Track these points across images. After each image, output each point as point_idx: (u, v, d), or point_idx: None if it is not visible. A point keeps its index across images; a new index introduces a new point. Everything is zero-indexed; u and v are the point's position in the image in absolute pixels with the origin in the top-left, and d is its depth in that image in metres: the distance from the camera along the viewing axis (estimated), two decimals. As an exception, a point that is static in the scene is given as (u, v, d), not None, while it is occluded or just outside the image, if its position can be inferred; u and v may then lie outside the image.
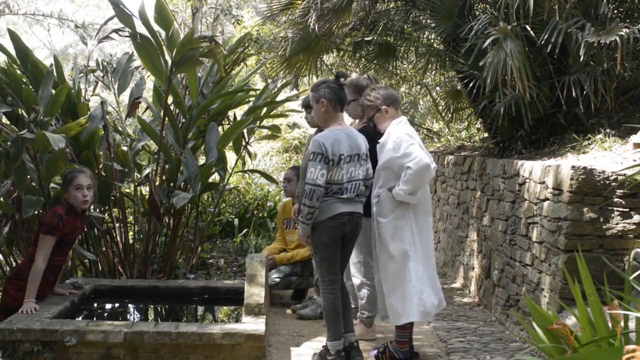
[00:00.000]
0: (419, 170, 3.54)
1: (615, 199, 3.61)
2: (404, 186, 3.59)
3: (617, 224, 3.61)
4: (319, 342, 4.08)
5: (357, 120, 4.51)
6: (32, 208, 4.16)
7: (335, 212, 3.54)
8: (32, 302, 3.78)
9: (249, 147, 5.90)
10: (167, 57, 4.72)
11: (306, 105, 4.60)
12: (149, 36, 4.60)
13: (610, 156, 3.98)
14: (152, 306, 4.69)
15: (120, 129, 5.65)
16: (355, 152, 3.61)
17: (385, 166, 3.74)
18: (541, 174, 4.04)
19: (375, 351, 3.86)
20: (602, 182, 3.60)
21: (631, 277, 2.50)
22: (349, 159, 3.57)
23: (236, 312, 4.42)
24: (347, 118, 5.22)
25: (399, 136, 3.70)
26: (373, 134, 4.06)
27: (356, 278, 4.24)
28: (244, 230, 7.75)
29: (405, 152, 3.60)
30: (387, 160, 3.72)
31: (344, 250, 3.72)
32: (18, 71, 4.70)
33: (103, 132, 5.05)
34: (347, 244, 3.73)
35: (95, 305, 4.48)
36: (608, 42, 4.33)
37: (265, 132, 6.24)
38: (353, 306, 4.43)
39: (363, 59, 8.04)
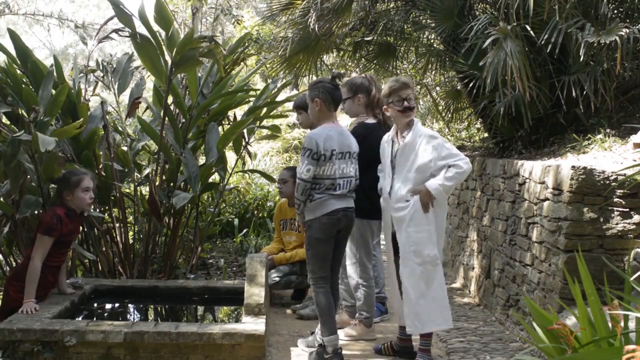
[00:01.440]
0: (467, 172, 3.58)
1: (615, 199, 3.61)
2: (447, 182, 3.53)
3: (617, 224, 3.61)
4: (319, 342, 4.08)
5: (354, 119, 4.52)
6: (30, 208, 4.16)
7: (330, 209, 3.61)
8: (32, 302, 3.78)
9: (249, 147, 5.90)
10: (167, 57, 4.72)
11: (297, 107, 4.61)
12: (149, 36, 4.60)
13: (610, 156, 3.98)
14: (152, 306, 4.69)
15: (120, 129, 5.64)
16: (347, 150, 3.70)
17: (422, 169, 3.61)
18: (541, 174, 4.04)
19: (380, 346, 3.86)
20: (602, 182, 3.60)
21: (632, 278, 2.50)
22: (340, 155, 3.65)
23: (236, 312, 4.42)
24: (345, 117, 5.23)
25: (434, 135, 3.68)
26: (365, 134, 4.07)
27: (352, 278, 4.24)
28: (244, 230, 7.75)
29: (451, 152, 3.59)
30: (424, 163, 3.60)
31: (337, 246, 3.76)
32: (18, 71, 4.70)
33: (103, 132, 5.05)
34: (341, 240, 3.78)
35: (95, 305, 4.48)
36: (608, 42, 4.33)
37: (265, 132, 6.24)
38: (351, 305, 4.44)
39: (363, 59, 8.04)
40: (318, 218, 3.63)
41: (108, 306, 4.55)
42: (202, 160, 6.25)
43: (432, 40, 7.38)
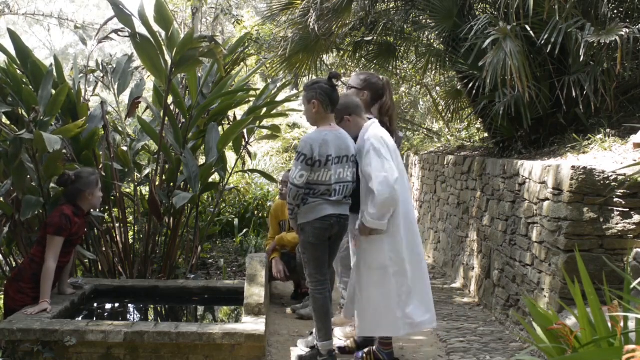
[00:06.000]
0: (384, 199, 3.46)
1: (615, 199, 3.61)
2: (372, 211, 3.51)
3: (617, 224, 3.61)
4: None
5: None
6: (31, 210, 4.16)
7: (323, 214, 3.55)
8: (47, 302, 3.80)
9: (249, 147, 5.90)
10: (167, 57, 4.72)
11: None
12: (149, 36, 4.60)
13: (610, 156, 3.98)
14: (152, 306, 4.69)
15: (120, 129, 5.64)
16: (344, 154, 3.60)
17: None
18: (541, 174, 4.04)
19: (361, 353, 3.82)
20: (602, 182, 3.60)
21: (634, 283, 2.50)
22: (337, 160, 3.56)
23: (236, 312, 4.42)
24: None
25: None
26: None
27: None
28: (244, 230, 7.75)
29: (371, 169, 3.55)
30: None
31: (329, 251, 3.73)
32: (18, 71, 4.70)
33: (103, 132, 5.05)
34: (332, 245, 3.74)
35: (95, 305, 4.49)
36: (608, 42, 4.33)
37: (265, 132, 6.24)
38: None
39: (363, 59, 8.04)
40: (311, 222, 3.57)
41: (108, 306, 4.55)
42: (202, 160, 6.25)
43: (432, 40, 7.38)
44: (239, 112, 7.50)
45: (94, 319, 4.27)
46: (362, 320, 3.68)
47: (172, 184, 5.26)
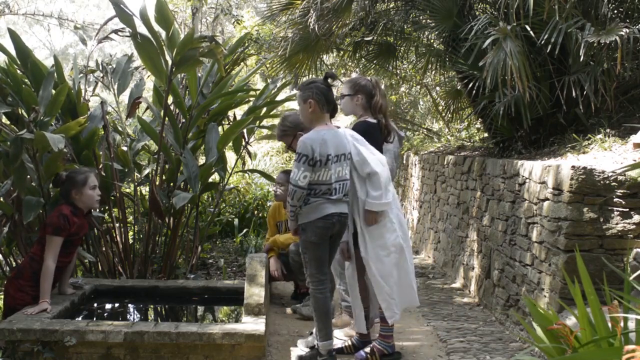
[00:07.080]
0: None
1: (615, 199, 3.61)
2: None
3: (617, 224, 3.61)
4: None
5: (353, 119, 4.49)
6: (32, 211, 4.16)
7: (325, 213, 3.56)
8: (47, 302, 3.80)
9: (249, 147, 5.90)
10: (168, 57, 4.72)
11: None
12: (150, 36, 4.60)
13: (610, 156, 3.98)
14: (152, 306, 4.69)
15: (120, 129, 5.65)
16: (342, 152, 3.62)
17: None
18: (541, 174, 4.04)
19: (363, 353, 3.81)
20: (602, 182, 3.60)
21: (631, 278, 2.50)
22: (336, 159, 3.58)
23: (236, 312, 4.42)
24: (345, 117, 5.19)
25: None
26: (367, 131, 4.03)
27: None
28: (244, 230, 7.75)
29: None
30: None
31: (330, 249, 3.73)
32: (18, 71, 4.70)
33: (103, 132, 5.06)
34: (333, 244, 3.74)
35: (95, 305, 4.49)
36: (608, 42, 4.33)
37: (265, 132, 6.25)
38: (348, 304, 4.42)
39: (363, 59, 8.04)
40: (313, 222, 3.56)
41: (108, 306, 4.55)
42: (202, 160, 6.25)
43: (432, 40, 7.38)
44: (239, 112, 7.50)
45: (94, 319, 4.27)
46: (392, 306, 3.70)
47: (172, 184, 5.26)
